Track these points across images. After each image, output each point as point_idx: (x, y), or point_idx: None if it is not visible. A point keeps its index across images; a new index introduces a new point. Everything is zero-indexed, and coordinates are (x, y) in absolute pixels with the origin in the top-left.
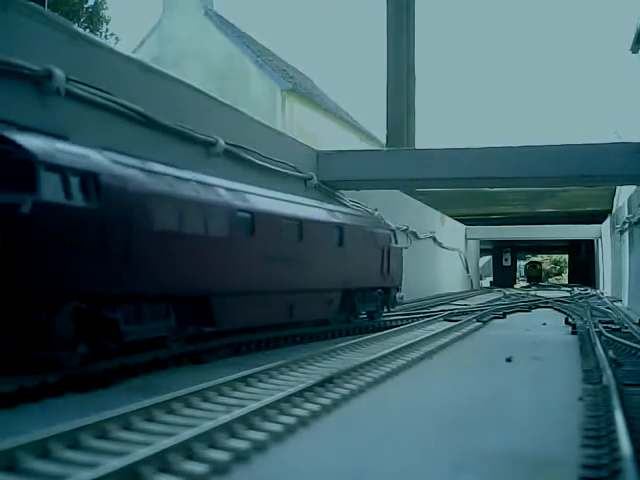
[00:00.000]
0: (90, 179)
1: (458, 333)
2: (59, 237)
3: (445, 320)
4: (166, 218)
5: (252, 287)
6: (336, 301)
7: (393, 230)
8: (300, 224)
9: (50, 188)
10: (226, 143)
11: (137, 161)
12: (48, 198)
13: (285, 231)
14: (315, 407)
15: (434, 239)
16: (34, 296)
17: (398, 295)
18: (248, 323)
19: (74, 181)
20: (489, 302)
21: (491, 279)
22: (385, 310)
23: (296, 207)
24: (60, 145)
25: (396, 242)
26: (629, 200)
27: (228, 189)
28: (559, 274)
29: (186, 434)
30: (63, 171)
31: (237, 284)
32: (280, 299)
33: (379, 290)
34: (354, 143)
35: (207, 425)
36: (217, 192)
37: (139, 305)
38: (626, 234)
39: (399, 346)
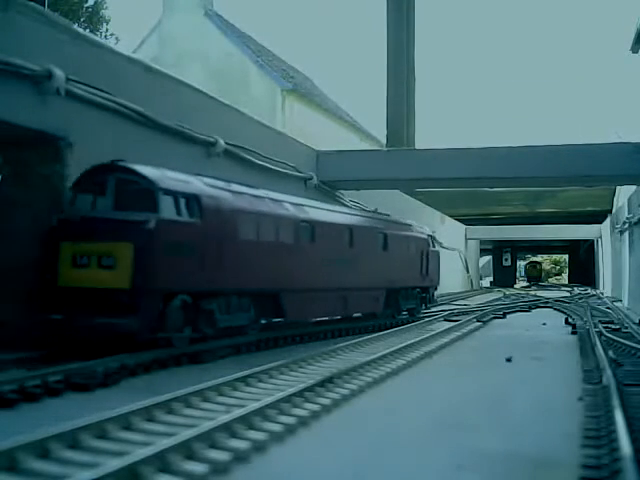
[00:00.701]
0: (193, 200)
1: (458, 333)
2: (173, 245)
3: (445, 320)
4: (248, 229)
5: (313, 285)
6: (382, 298)
7: (431, 235)
8: (351, 232)
9: (167, 208)
10: (226, 143)
11: (224, 184)
12: (166, 216)
13: (339, 238)
14: (315, 407)
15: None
16: (156, 290)
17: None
18: (309, 315)
19: (182, 202)
20: (489, 302)
21: (491, 279)
22: (423, 307)
23: (347, 217)
24: (171, 174)
25: (434, 246)
26: (629, 200)
27: (293, 204)
28: (559, 274)
29: (186, 434)
30: (175, 195)
31: (301, 283)
32: (335, 295)
33: (418, 289)
34: (354, 143)
35: (207, 425)
36: (285, 207)
37: (228, 299)
38: (626, 234)
39: (399, 346)
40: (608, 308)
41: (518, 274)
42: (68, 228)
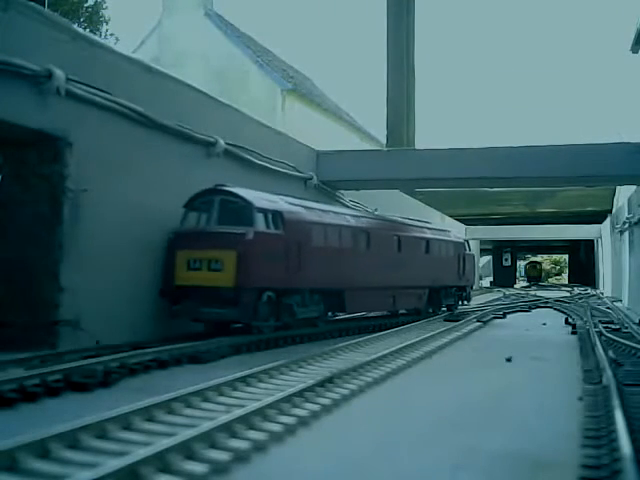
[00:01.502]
0: (278, 215)
1: (458, 333)
2: (264, 252)
3: (445, 320)
4: (318, 237)
5: (368, 284)
6: (424, 296)
7: (467, 240)
8: (399, 239)
9: (260, 222)
10: (226, 143)
11: (300, 201)
12: (259, 229)
13: (389, 244)
14: (315, 407)
15: None
16: (252, 288)
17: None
18: (366, 309)
19: (270, 217)
20: (489, 302)
21: (491, 279)
22: (460, 304)
23: (395, 225)
24: (261, 195)
25: (469, 250)
26: (629, 200)
27: (352, 215)
28: (559, 274)
29: (186, 434)
30: (265, 212)
31: (359, 282)
32: (386, 293)
33: (455, 288)
34: (354, 143)
35: (207, 425)
36: (346, 218)
37: (304, 295)
38: (626, 234)
39: (399, 346)
40: (608, 308)
41: (518, 274)
42: (183, 239)
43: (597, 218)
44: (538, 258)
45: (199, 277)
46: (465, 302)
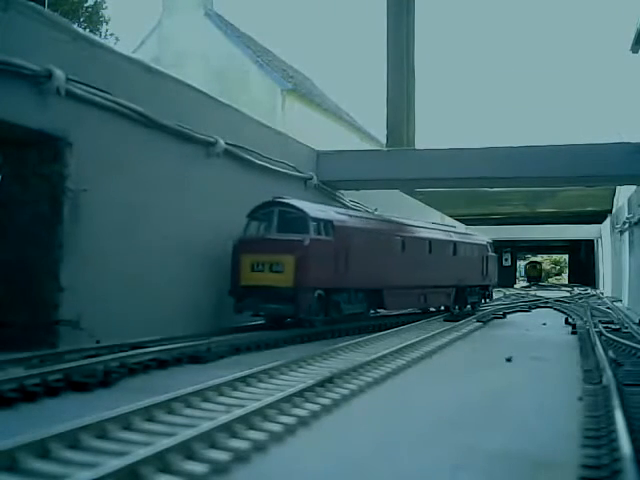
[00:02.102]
0: (329, 224)
1: (458, 333)
2: (317, 256)
3: (445, 320)
4: (361, 242)
5: (404, 284)
6: (452, 294)
7: (489, 242)
8: (430, 242)
9: (314, 230)
10: (226, 143)
11: (345, 210)
12: (314, 236)
13: (421, 247)
14: (315, 407)
15: None
16: (308, 288)
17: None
18: (402, 307)
19: (322, 225)
20: (489, 302)
21: None
22: (483, 301)
23: (426, 230)
24: (315, 206)
25: (493, 251)
26: (629, 200)
27: (389, 221)
28: (559, 274)
29: (186, 434)
30: (318, 221)
31: (396, 282)
32: (419, 292)
33: (479, 287)
34: (354, 143)
35: (207, 425)
36: (383, 224)
37: (350, 293)
38: (626, 234)
39: (399, 346)
40: (608, 308)
41: (518, 274)
42: (247, 245)
43: (597, 218)
44: (538, 258)
45: (262, 278)
46: (487, 300)
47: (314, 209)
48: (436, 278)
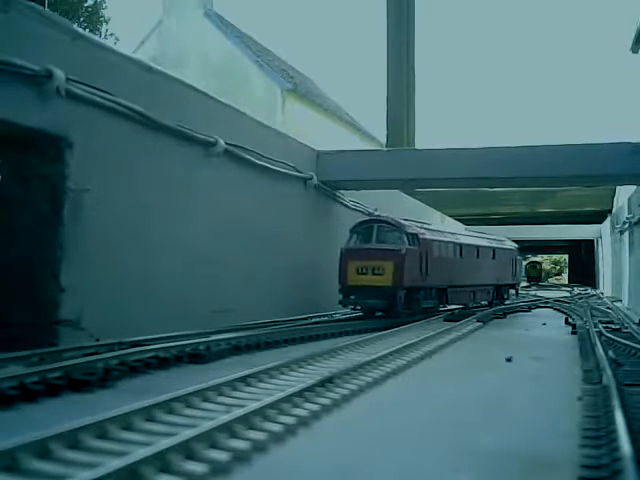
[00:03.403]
0: (416, 236)
1: (458, 333)
2: (409, 262)
3: (445, 320)
4: (436, 250)
5: (461, 283)
6: (492, 292)
7: (517, 247)
8: (478, 249)
9: (407, 241)
10: (226, 143)
11: (425, 224)
12: (408, 246)
13: (472, 253)
14: (315, 407)
15: None
16: (403, 287)
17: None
18: (459, 302)
19: (411, 237)
20: None
21: None
22: (510, 297)
23: (474, 239)
24: (408, 222)
25: (520, 255)
26: (629, 200)
27: (451, 232)
28: (559, 274)
29: (186, 434)
30: (409, 234)
31: (456, 282)
32: (470, 290)
33: (509, 285)
34: (354, 143)
35: (207, 425)
36: (448, 235)
37: (426, 291)
38: (626, 234)
39: (399, 346)
40: (608, 308)
41: None
42: (352, 253)
43: (597, 218)
44: (538, 258)
45: (366, 279)
46: (514, 296)
47: (405, 225)
48: (482, 278)
